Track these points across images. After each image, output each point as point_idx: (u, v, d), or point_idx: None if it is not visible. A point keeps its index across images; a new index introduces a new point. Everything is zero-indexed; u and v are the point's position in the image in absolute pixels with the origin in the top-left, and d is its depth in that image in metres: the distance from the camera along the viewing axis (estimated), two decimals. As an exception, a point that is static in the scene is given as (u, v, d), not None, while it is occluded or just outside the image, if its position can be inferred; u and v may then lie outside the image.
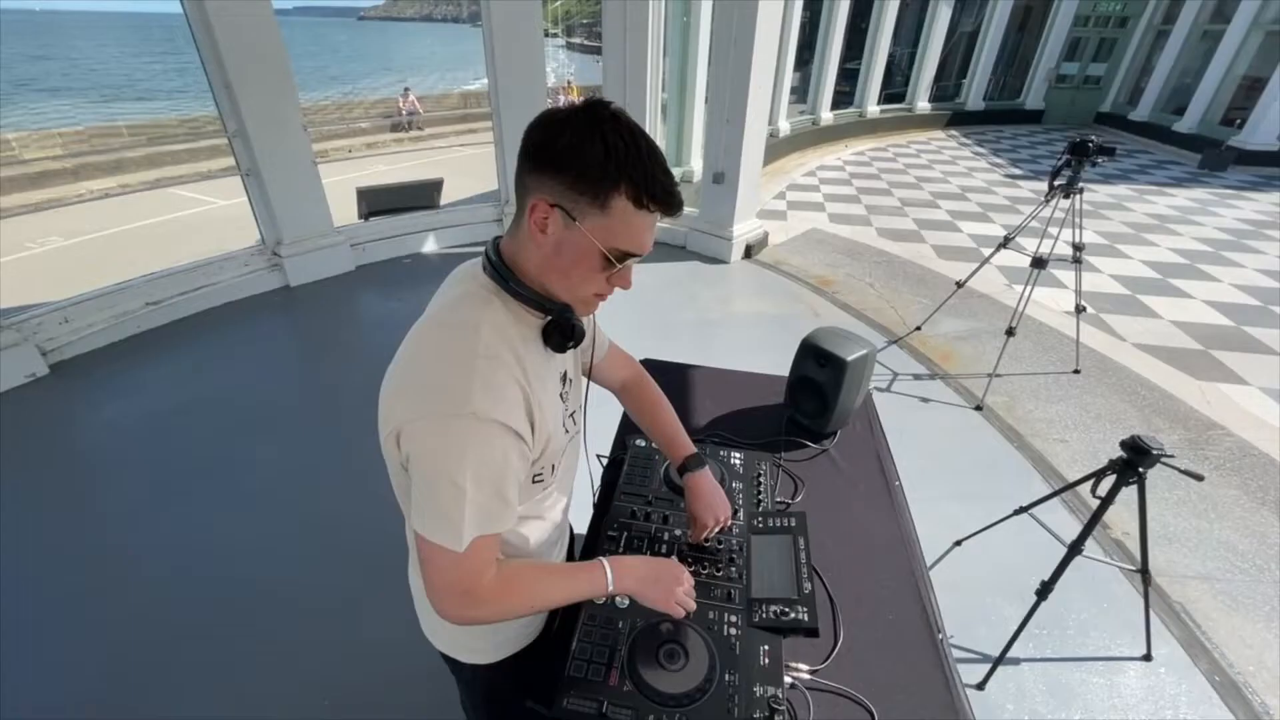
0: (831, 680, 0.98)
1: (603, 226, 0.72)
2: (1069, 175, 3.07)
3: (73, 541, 2.34)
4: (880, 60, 10.80)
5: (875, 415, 1.67)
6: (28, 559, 2.25)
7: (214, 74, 3.62)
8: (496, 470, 0.73)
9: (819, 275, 4.91)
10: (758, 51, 4.24)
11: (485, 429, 0.70)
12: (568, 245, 0.73)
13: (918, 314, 4.20)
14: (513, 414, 0.74)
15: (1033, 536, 2.12)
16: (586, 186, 0.69)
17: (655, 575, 0.93)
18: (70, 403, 3.10)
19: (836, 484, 1.43)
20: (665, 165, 0.73)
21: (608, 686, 0.90)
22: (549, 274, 0.77)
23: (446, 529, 0.71)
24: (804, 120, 10.07)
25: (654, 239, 0.80)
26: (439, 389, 0.71)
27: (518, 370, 0.76)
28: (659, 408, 1.19)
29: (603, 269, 0.76)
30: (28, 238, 6.61)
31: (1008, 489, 2.12)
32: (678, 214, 0.77)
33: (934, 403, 3.30)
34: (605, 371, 1.14)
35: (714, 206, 5.02)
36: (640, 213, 0.72)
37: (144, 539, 2.35)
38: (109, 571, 2.21)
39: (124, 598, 2.11)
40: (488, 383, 0.72)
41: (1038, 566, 1.86)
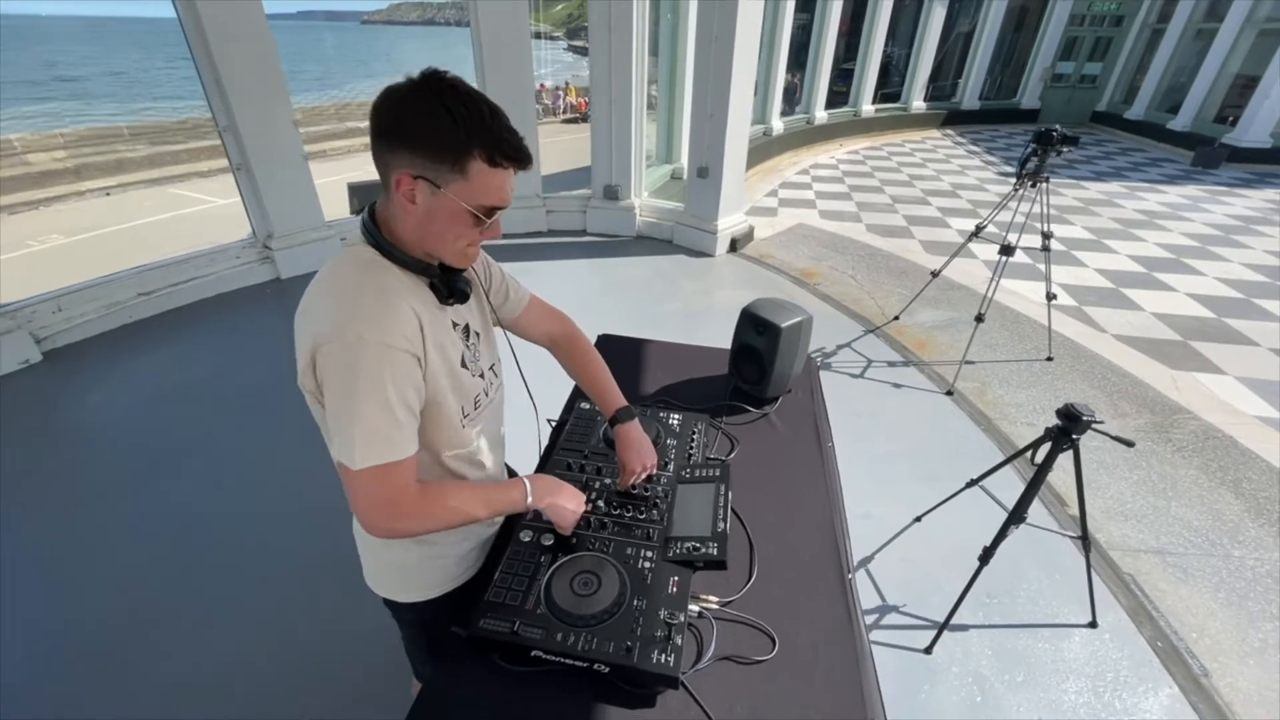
0: (743, 612, 1.05)
1: (465, 189, 0.79)
2: (1035, 164, 3.13)
3: (59, 518, 2.43)
4: (875, 60, 10.87)
5: (818, 383, 1.73)
6: (16, 534, 2.34)
7: (205, 71, 3.72)
8: (398, 388, 0.80)
9: (802, 268, 4.98)
10: (739, 46, 4.32)
11: (379, 351, 0.77)
12: (438, 211, 0.81)
13: (897, 305, 4.26)
14: (410, 339, 0.81)
15: (990, 511, 2.16)
16: (444, 156, 0.76)
17: (566, 499, 1.04)
18: (62, 388, 3.20)
19: (771, 443, 1.50)
20: (509, 124, 0.81)
21: (523, 610, 0.97)
22: (427, 239, 0.85)
23: (358, 448, 0.78)
24: (798, 119, 10.14)
25: (513, 189, 0.87)
26: (336, 319, 0.78)
27: (413, 299, 0.84)
28: (591, 363, 1.26)
29: (474, 224, 0.83)
30: (30, 235, 6.75)
31: (972, 470, 2.18)
32: (528, 167, 0.84)
33: (906, 388, 3.36)
34: (526, 326, 1.22)
35: (699, 201, 5.09)
36: (496, 170, 0.80)
37: (127, 516, 2.43)
38: (93, 545, 2.30)
39: (109, 567, 2.19)
40: (380, 308, 0.80)
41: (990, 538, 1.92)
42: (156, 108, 20.79)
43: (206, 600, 2.07)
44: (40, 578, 2.16)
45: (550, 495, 1.02)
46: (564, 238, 5.50)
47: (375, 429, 0.78)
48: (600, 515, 1.15)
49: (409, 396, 0.82)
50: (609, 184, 5.39)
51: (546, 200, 5.50)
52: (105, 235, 7.14)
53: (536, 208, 5.45)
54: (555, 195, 5.56)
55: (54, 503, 2.51)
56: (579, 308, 1.75)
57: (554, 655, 0.91)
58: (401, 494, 0.83)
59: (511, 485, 0.98)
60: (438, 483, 0.94)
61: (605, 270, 4.89)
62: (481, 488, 0.96)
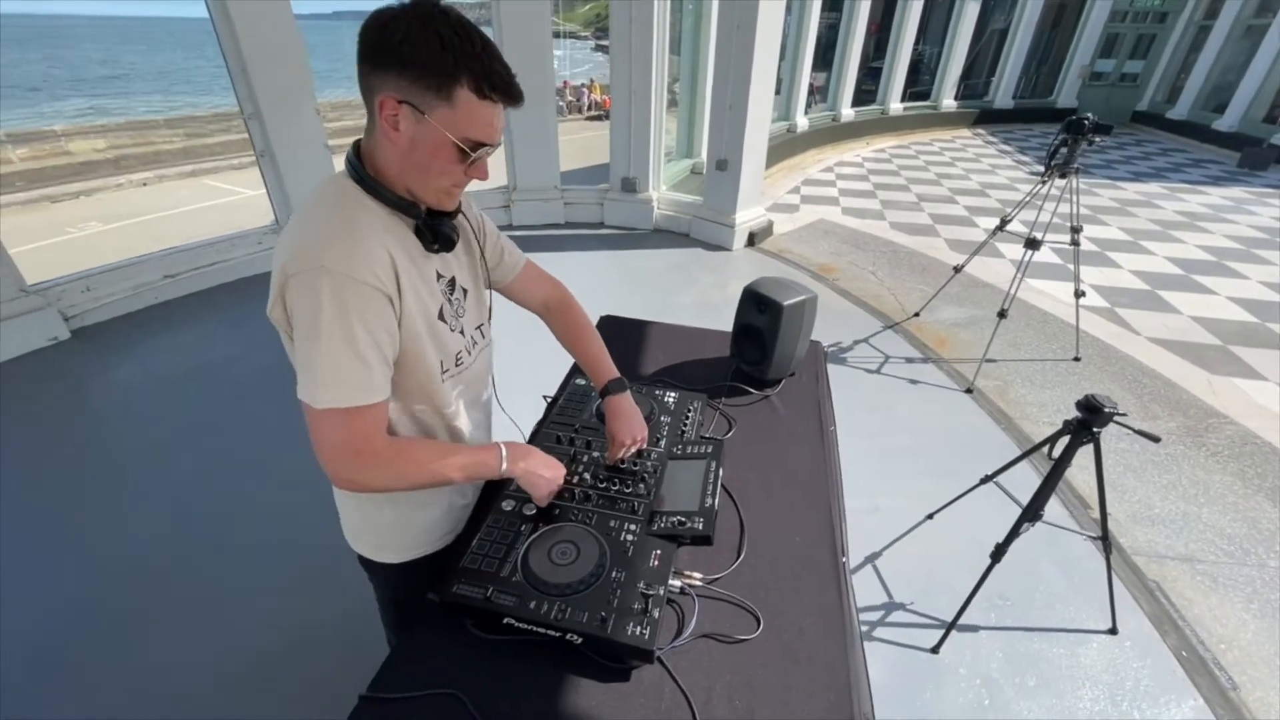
0: (732, 593, 1.01)
1: (451, 118, 0.76)
2: (1065, 155, 3.01)
3: (78, 490, 2.49)
4: (904, 58, 10.65)
5: (823, 368, 1.68)
6: (37, 505, 2.41)
7: (232, 61, 3.79)
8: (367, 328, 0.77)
9: (821, 263, 4.89)
10: (760, 36, 4.26)
11: (340, 283, 0.74)
12: (421, 140, 0.77)
13: (917, 302, 4.15)
14: (378, 275, 0.78)
15: (1006, 509, 2.08)
16: (430, 81, 0.73)
17: (543, 467, 1.00)
18: (86, 365, 3.29)
19: (771, 425, 1.45)
20: (501, 59, 0.77)
21: (498, 577, 0.95)
22: (409, 172, 0.81)
23: (319, 387, 0.76)
24: (823, 116, 9.99)
25: (503, 130, 0.84)
26: (297, 251, 0.76)
27: (388, 238, 0.81)
28: (584, 332, 1.23)
29: (459, 160, 0.80)
30: (69, 222, 7.00)
31: (989, 467, 2.09)
32: (519, 104, 0.81)
33: (924, 385, 3.26)
34: (520, 291, 1.19)
35: (717, 194, 5.03)
36: (484, 103, 0.77)
37: (144, 490, 2.48)
38: (108, 518, 2.35)
39: (122, 540, 2.24)
40: (348, 240, 0.77)
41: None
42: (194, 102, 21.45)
43: (214, 575, 2.09)
44: (56, 548, 2.21)
45: (525, 461, 0.98)
46: (581, 230, 5.49)
47: (339, 368, 0.75)
48: (585, 487, 1.12)
49: (380, 338, 0.79)
50: (627, 176, 5.36)
51: (565, 192, 5.50)
52: (140, 223, 7.36)
53: (554, 200, 5.45)
54: (573, 187, 5.55)
55: (74, 475, 2.57)
56: (593, 297, 1.74)
57: (526, 624, 0.88)
58: (365, 443, 0.80)
59: (486, 448, 0.94)
60: (408, 438, 0.92)
61: (621, 262, 4.86)
62: (454, 448, 0.93)
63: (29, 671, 1.77)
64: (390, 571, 1.07)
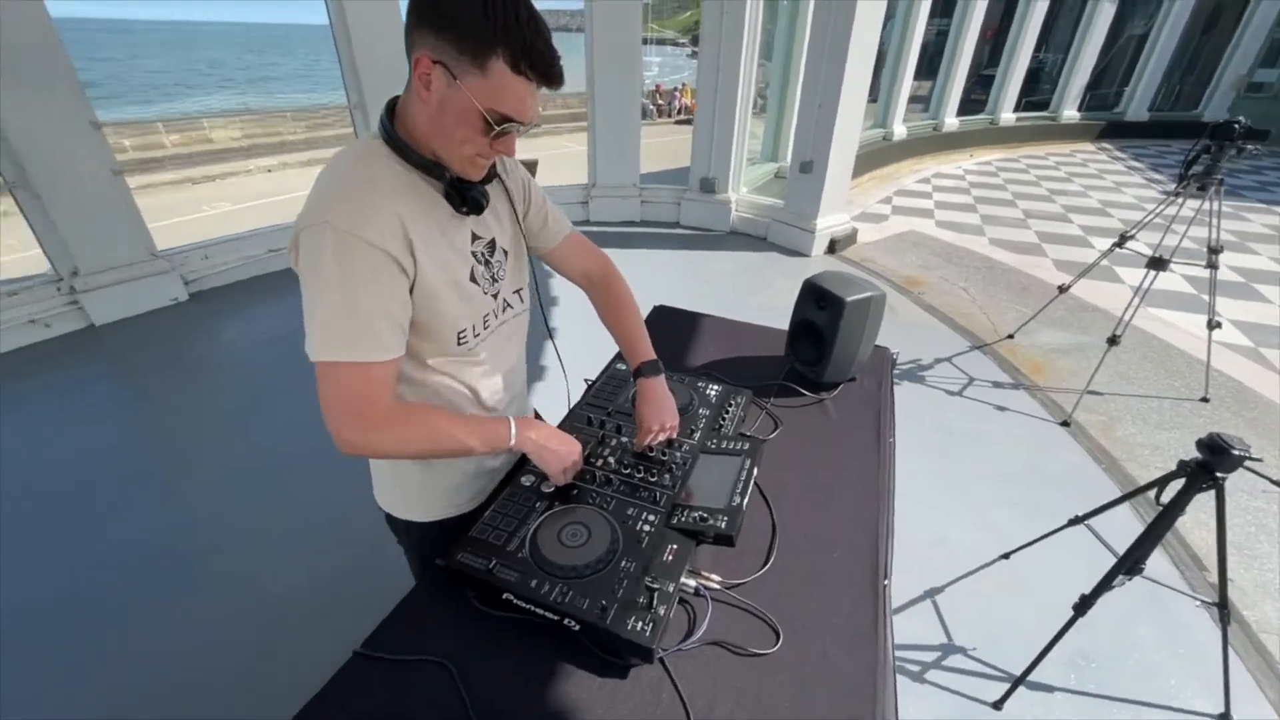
0: (753, 601, 0.92)
1: (482, 87, 0.73)
2: (1207, 163, 2.63)
3: (180, 430, 2.77)
4: (1021, 65, 9.86)
5: (889, 376, 1.53)
6: (147, 438, 2.68)
7: (344, 57, 4.10)
8: (371, 288, 0.75)
9: (907, 275, 4.58)
10: (856, 33, 4.05)
11: (346, 241, 0.73)
12: (450, 105, 0.75)
13: (1013, 323, 3.79)
14: (384, 236, 0.76)
15: (1098, 558, 1.82)
16: (466, 46, 0.71)
17: (555, 443, 0.96)
18: (199, 324, 3.64)
19: (822, 430, 1.33)
20: (547, 36, 0.73)
21: (504, 551, 0.91)
22: (435, 135, 0.79)
23: (315, 339, 0.75)
24: (924, 125, 9.43)
25: (537, 110, 0.80)
26: (310, 206, 0.76)
27: (406, 199, 0.79)
28: (625, 309, 1.18)
29: (484, 131, 0.77)
30: (204, 201, 7.84)
31: (1081, 509, 1.84)
32: (557, 86, 0.77)
33: (1012, 412, 2.96)
34: (562, 259, 1.15)
35: (799, 197, 4.85)
36: (518, 79, 0.73)
37: (236, 436, 2.71)
38: (204, 456, 2.59)
39: (211, 475, 2.48)
40: (357, 200, 0.75)
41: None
42: (318, 99, 23.49)
43: (280, 525, 2.25)
44: (152, 484, 2.45)
45: (535, 433, 0.94)
46: (656, 228, 5.47)
47: (336, 322, 0.74)
48: (607, 471, 1.07)
49: (383, 299, 0.77)
50: (706, 176, 5.28)
51: (642, 191, 5.50)
52: (262, 205, 8.13)
53: (632, 197, 5.46)
54: (651, 186, 5.54)
55: (179, 419, 2.85)
56: (658, 293, 1.69)
57: (525, 602, 0.84)
58: (366, 403, 0.78)
59: (496, 420, 0.92)
60: (416, 403, 0.90)
61: (693, 261, 4.79)
62: (462, 417, 0.90)
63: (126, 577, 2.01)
64: (416, 530, 1.07)
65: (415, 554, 1.11)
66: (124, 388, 3.13)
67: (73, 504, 2.29)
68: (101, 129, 3.33)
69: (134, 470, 2.51)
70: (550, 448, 0.95)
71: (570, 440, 1.00)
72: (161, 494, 2.39)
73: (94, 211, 3.36)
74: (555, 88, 0.78)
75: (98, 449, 2.61)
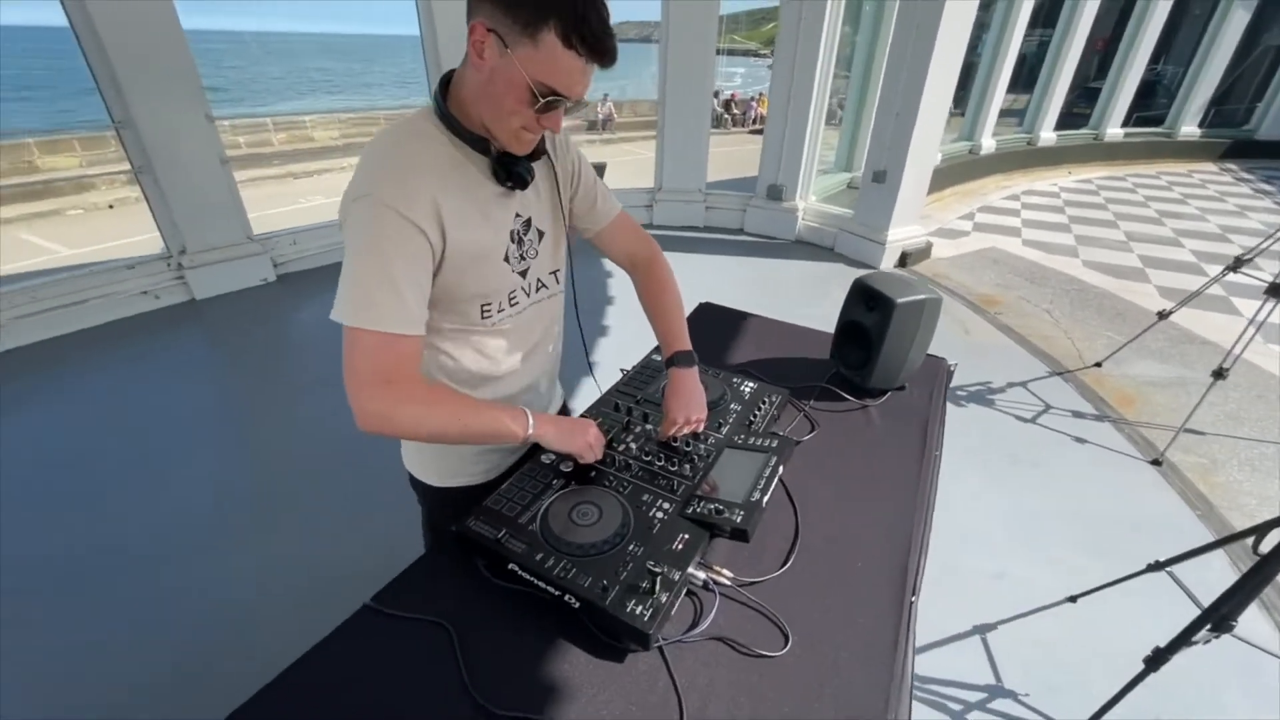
0: (765, 603, 0.88)
1: (532, 59, 0.73)
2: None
3: (262, 394, 3.06)
4: (1133, 78, 9.10)
5: (943, 387, 1.43)
6: (232, 403, 2.95)
7: (431, 67, 4.34)
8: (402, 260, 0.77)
9: (983, 293, 4.31)
10: (942, 39, 3.87)
11: (381, 213, 0.76)
12: (500, 74, 0.76)
13: (1102, 350, 3.47)
14: (419, 213, 0.78)
15: (1180, 609, 1.62)
16: (520, 15, 0.71)
17: (571, 429, 0.97)
18: (283, 304, 3.93)
19: (862, 437, 1.26)
20: (603, 14, 0.73)
21: (515, 523, 0.92)
22: (483, 102, 0.80)
23: (342, 303, 0.78)
24: (1016, 139, 8.87)
25: (586, 87, 0.80)
26: (356, 179, 0.79)
27: (447, 175, 0.81)
28: (664, 295, 1.16)
29: (530, 104, 0.77)
30: (301, 195, 8.49)
31: (1164, 554, 1.64)
32: (608, 64, 0.77)
33: (1093, 446, 2.70)
34: (608, 241, 1.14)
35: (870, 208, 4.67)
36: (568, 53, 0.73)
37: (305, 404, 2.94)
38: (278, 423, 2.83)
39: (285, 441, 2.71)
40: (395, 174, 0.78)
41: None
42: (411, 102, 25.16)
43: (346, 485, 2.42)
44: (232, 446, 2.70)
45: (554, 426, 0.95)
46: (719, 234, 5.42)
47: (376, 292, 0.76)
48: (628, 456, 1.06)
49: (415, 274, 0.79)
50: (774, 183, 5.19)
51: (707, 196, 5.47)
52: (352, 200, 8.71)
53: (696, 202, 5.45)
54: (716, 191, 5.50)
55: (260, 386, 3.13)
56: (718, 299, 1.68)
57: (529, 574, 0.84)
58: (398, 373, 0.79)
59: (514, 409, 0.92)
60: (439, 384, 0.91)
61: (755, 268, 4.70)
62: (483, 404, 0.91)
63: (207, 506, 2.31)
64: (430, 493, 1.10)
65: (426, 516, 1.14)
66: (216, 354, 3.44)
67: (170, 444, 2.63)
68: (214, 122, 3.67)
69: (219, 421, 2.86)
70: (567, 432, 0.96)
71: (584, 421, 1.00)
72: (238, 444, 2.69)
73: (202, 196, 3.71)
74: (606, 65, 0.78)
75: (192, 403, 2.96)
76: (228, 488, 2.41)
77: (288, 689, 0.75)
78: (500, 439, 0.91)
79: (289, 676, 0.77)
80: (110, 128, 3.39)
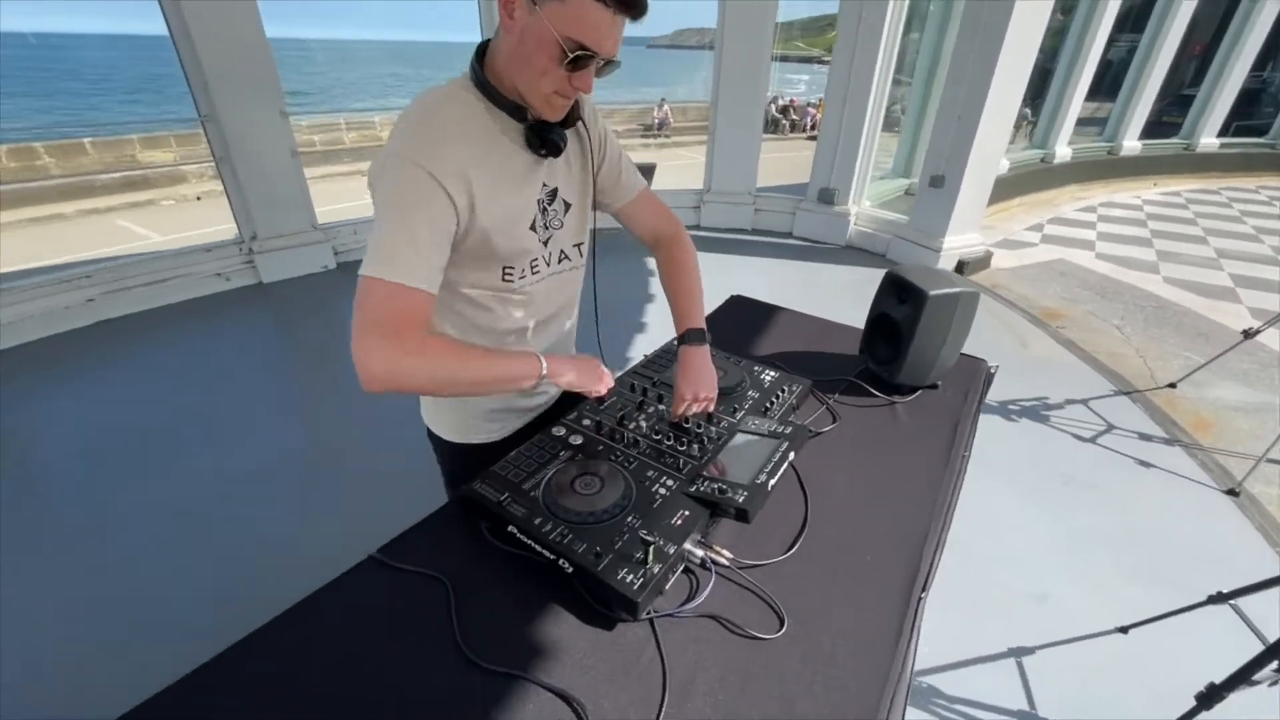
0: (765, 588, 0.86)
1: (560, 13, 0.74)
2: None
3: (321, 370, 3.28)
4: (1233, 84, 8.41)
5: (980, 389, 1.36)
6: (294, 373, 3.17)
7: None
8: (424, 217, 0.79)
9: (1046, 306, 4.07)
10: (1010, 39, 3.69)
11: (409, 170, 0.78)
12: (530, 33, 0.77)
13: (1178, 370, 3.22)
14: (447, 174, 0.79)
15: (1242, 644, 1.48)
16: None
17: (585, 364, 0.98)
18: (341, 290, 4.15)
19: (886, 432, 1.22)
20: None
21: (519, 489, 0.93)
22: (514, 64, 0.81)
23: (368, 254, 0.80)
24: (1095, 148, 8.34)
25: (618, 43, 0.80)
26: (391, 140, 0.81)
27: (466, 144, 0.82)
28: (684, 273, 1.15)
29: (560, 61, 0.77)
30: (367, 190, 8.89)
31: (1229, 586, 1.50)
32: (637, 16, 0.77)
33: (1159, 471, 2.50)
34: (632, 216, 1.14)
35: (926, 213, 4.50)
36: (597, 5, 0.74)
37: (356, 386, 3.05)
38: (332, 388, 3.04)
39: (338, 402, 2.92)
40: (427, 135, 0.80)
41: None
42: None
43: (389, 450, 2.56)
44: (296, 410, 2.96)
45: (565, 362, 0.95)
46: (767, 238, 5.34)
47: (396, 245, 0.78)
48: (637, 434, 1.06)
49: (437, 235, 0.81)
50: (825, 187, 5.08)
51: (756, 199, 5.40)
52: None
53: (744, 204, 5.39)
54: (766, 194, 5.43)
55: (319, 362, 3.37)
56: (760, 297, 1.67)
57: (527, 538, 0.85)
58: (406, 326, 0.79)
59: (524, 353, 0.92)
60: (447, 336, 0.93)
61: (802, 271, 4.61)
62: (495, 353, 0.92)
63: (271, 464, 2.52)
64: (448, 449, 1.13)
65: (445, 470, 1.18)
66: (280, 333, 3.69)
67: (237, 411, 2.86)
68: (287, 118, 3.91)
69: (281, 393, 3.09)
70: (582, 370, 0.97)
71: (590, 360, 1.01)
72: (298, 413, 2.92)
73: (274, 186, 3.96)
74: (635, 17, 0.78)
75: (257, 375, 3.21)
76: (281, 450, 2.61)
77: (290, 626, 0.79)
78: (514, 382, 0.89)
79: (293, 615, 0.80)
80: (197, 121, 3.67)
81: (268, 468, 2.48)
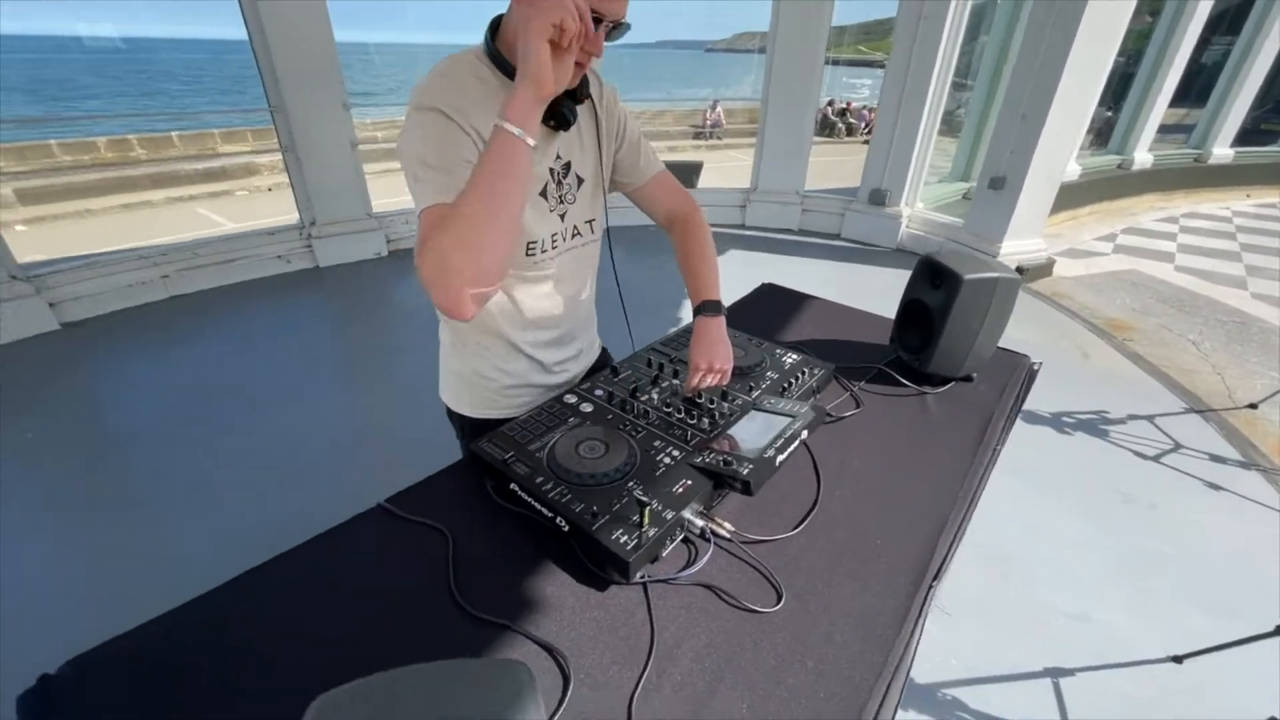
0: (765, 563, 0.84)
1: None
2: None
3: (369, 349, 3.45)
4: (1344, 85, 7.68)
5: (1020, 386, 1.29)
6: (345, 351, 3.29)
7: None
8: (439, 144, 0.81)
9: (1112, 318, 3.81)
10: (1082, 36, 3.49)
11: (427, 114, 0.81)
12: None
13: (1260, 391, 2.95)
14: (464, 119, 0.82)
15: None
16: None
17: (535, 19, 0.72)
18: (391, 275, 4.31)
19: (911, 420, 1.17)
20: None
21: (524, 449, 0.94)
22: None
23: (421, 195, 0.81)
24: (1180, 155, 7.78)
25: (625, 6, 0.80)
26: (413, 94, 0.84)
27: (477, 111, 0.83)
28: (700, 249, 1.14)
29: None
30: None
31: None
32: None
33: (1229, 494, 2.30)
34: (648, 197, 1.14)
35: (983, 217, 4.30)
36: None
37: (399, 362, 3.24)
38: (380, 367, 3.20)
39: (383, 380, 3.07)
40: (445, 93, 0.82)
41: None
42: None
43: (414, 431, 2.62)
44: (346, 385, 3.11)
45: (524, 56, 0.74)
46: (814, 239, 5.22)
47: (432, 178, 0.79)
48: (649, 405, 1.05)
49: (467, 154, 0.81)
50: (877, 188, 4.92)
51: (804, 199, 5.29)
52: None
53: (792, 204, 5.29)
54: (815, 194, 5.31)
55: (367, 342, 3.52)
56: None
57: (528, 495, 0.86)
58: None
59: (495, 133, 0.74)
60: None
61: (849, 273, 4.48)
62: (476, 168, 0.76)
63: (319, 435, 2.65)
64: (467, 424, 1.15)
65: (464, 444, 1.20)
66: (333, 314, 3.87)
67: (295, 383, 3.05)
68: (349, 110, 4.10)
69: (333, 368, 3.26)
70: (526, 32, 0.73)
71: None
72: (349, 388, 3.07)
73: (333, 174, 4.16)
74: None
75: (312, 352, 3.39)
76: (330, 422, 2.76)
77: (297, 563, 0.82)
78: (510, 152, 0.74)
79: (302, 552, 0.83)
80: (267, 110, 3.89)
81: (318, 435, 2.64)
